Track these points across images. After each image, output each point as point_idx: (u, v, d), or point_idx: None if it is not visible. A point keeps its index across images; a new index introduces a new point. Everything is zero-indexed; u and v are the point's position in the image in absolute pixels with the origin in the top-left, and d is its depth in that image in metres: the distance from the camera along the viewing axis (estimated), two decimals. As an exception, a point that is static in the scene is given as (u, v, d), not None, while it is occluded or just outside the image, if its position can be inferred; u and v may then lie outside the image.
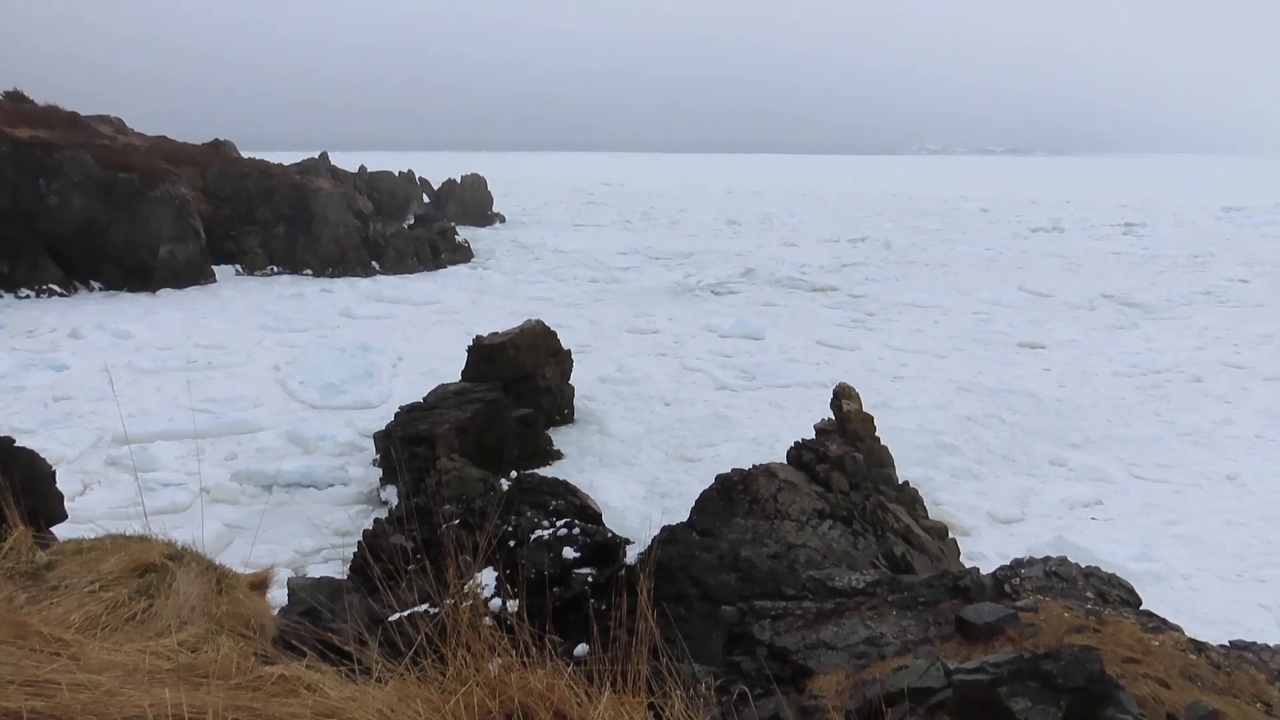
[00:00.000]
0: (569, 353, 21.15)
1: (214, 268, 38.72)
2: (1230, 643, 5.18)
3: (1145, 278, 40.92)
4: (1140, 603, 5.83)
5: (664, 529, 11.03)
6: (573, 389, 21.04)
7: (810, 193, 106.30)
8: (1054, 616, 5.07)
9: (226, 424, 19.28)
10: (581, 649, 8.68)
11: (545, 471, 15.93)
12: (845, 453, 13.10)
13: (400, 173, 65.18)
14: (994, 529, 14.73)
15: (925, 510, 13.87)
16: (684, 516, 11.43)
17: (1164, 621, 5.30)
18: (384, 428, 17.19)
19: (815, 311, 34.14)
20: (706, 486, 11.94)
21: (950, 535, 13.81)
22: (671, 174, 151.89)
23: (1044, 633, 4.84)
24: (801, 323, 31.75)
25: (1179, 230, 64.27)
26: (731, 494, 11.83)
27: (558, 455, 18.68)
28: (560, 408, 20.73)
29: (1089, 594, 5.57)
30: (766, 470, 12.23)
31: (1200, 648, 4.89)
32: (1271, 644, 5.14)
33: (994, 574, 5.81)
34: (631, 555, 10.89)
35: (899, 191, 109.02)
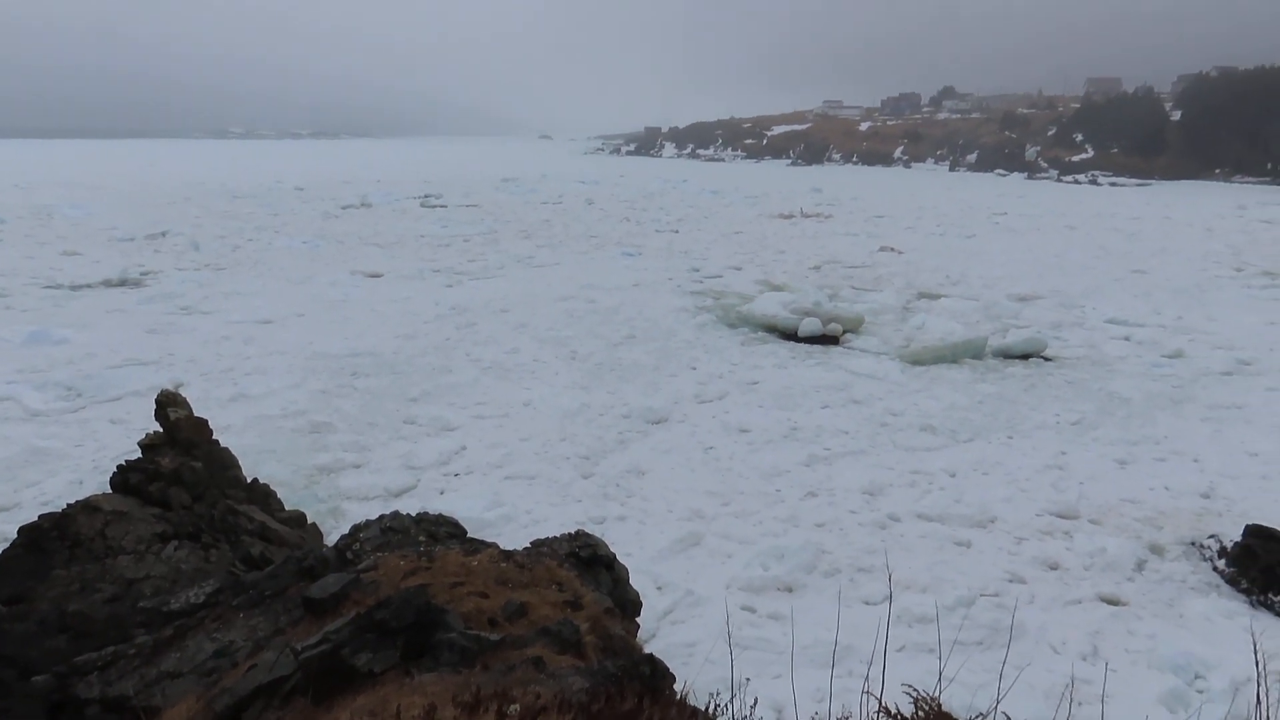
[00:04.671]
0: None
1: None
2: (531, 543, 6.28)
3: (451, 252, 45.70)
4: (465, 533, 6.67)
5: (-50, 612, 8.81)
6: None
7: (98, 181, 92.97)
8: (392, 568, 5.49)
9: None
10: None
11: None
12: (181, 464, 12.06)
13: None
14: (389, 504, 14.85)
15: (280, 503, 13.62)
16: None
17: (482, 542, 6.17)
18: None
19: (118, 299, 30.50)
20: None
21: (311, 521, 13.84)
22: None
23: (384, 585, 5.22)
24: (115, 319, 27.98)
25: (468, 199, 74.41)
26: (44, 544, 9.99)
27: None
28: None
29: (421, 538, 6.18)
30: (86, 505, 10.60)
31: (509, 555, 5.82)
32: (558, 535, 6.38)
33: (335, 546, 6.03)
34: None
35: (207, 178, 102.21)
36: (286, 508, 14.40)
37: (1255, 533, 12.59)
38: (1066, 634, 10.40)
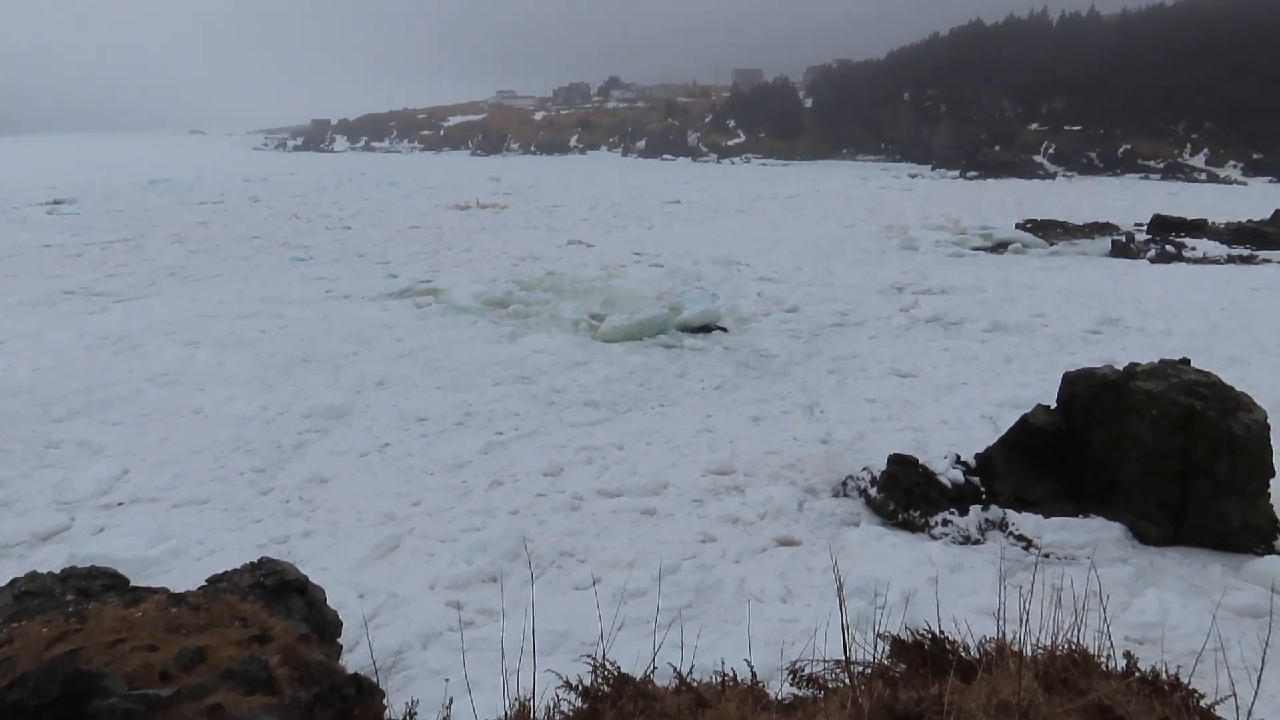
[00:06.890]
0: None
1: None
2: (208, 580, 5.75)
3: (85, 264, 39.77)
4: (128, 582, 5.95)
5: None
6: None
7: None
8: (31, 638, 4.77)
9: None
10: None
11: None
12: None
13: None
14: (36, 551, 12.40)
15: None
16: None
17: (148, 589, 5.53)
18: None
19: None
20: None
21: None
22: None
23: (21, 661, 4.52)
24: None
25: (108, 204, 65.22)
26: None
27: None
28: None
29: (70, 597, 5.40)
30: None
31: (180, 598, 5.29)
32: (240, 566, 5.90)
33: (-47, 625, 5.09)
34: None
35: None
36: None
37: (896, 460, 14.73)
38: (762, 581, 11.43)
